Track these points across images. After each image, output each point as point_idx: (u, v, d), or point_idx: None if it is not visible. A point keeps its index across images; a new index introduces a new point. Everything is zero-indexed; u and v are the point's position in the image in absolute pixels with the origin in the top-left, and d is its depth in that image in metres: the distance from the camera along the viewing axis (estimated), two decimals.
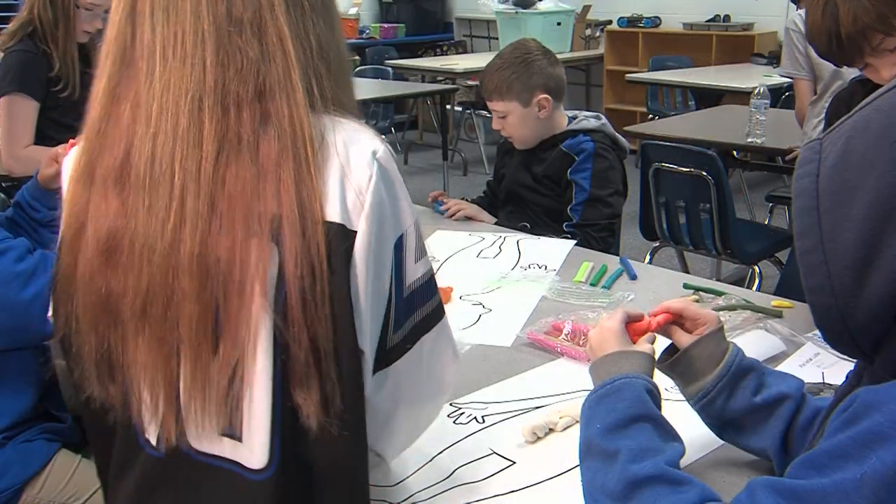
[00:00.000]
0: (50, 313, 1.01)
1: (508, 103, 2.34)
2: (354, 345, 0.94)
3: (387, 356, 0.99)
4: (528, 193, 2.48)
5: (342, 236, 0.91)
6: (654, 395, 1.00)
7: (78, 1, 2.61)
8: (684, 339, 1.12)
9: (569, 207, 2.36)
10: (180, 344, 0.91)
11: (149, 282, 0.90)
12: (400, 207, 0.97)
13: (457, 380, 1.14)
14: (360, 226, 0.92)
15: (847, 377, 0.84)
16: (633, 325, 1.12)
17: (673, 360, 1.12)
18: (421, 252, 1.00)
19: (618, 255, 2.30)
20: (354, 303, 0.93)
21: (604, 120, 2.47)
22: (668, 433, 0.96)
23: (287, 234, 0.88)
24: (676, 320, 1.14)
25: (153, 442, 0.99)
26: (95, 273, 0.93)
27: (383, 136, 0.98)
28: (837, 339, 0.77)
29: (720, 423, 1.11)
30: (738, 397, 1.08)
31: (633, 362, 1.04)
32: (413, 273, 0.99)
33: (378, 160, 0.94)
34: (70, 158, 1.00)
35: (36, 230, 1.82)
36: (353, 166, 0.93)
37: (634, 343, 1.09)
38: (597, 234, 2.32)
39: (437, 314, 1.03)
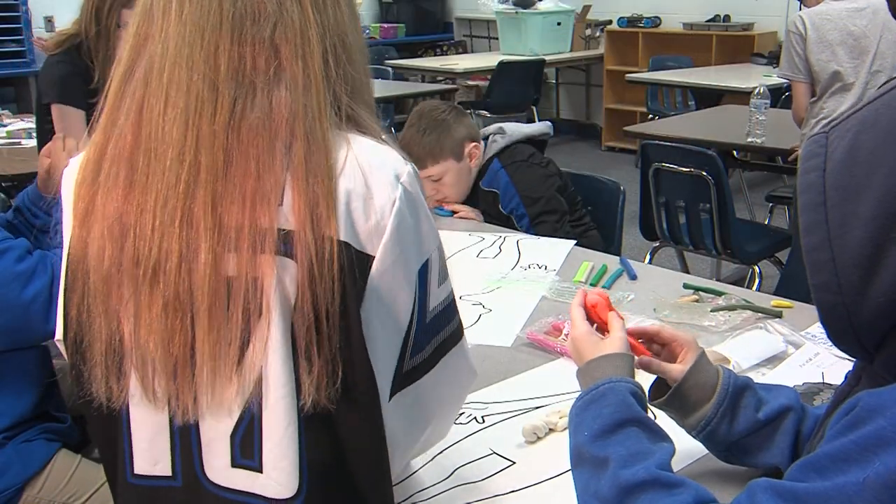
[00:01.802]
0: (60, 313, 0.99)
1: (446, 163, 2.39)
2: (365, 358, 0.92)
3: (405, 378, 0.97)
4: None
5: (356, 260, 0.89)
6: (639, 396, 0.98)
7: (120, 20, 2.67)
8: (673, 371, 1.08)
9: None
10: (194, 304, 0.88)
11: (162, 235, 0.88)
12: (423, 232, 0.94)
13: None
14: (379, 252, 0.90)
15: (846, 378, 0.84)
16: (595, 307, 1.11)
17: (668, 398, 1.09)
18: (444, 275, 0.98)
19: (618, 254, 2.31)
20: (366, 324, 0.91)
21: (506, 131, 2.49)
22: (657, 434, 0.95)
23: (298, 212, 0.87)
24: (651, 344, 1.13)
25: (166, 473, 0.97)
26: (107, 243, 0.91)
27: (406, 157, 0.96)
28: (841, 336, 0.76)
29: (726, 447, 1.09)
30: (740, 419, 1.06)
31: (615, 365, 1.02)
32: (436, 298, 0.97)
33: (402, 184, 0.91)
34: (73, 165, 0.99)
35: (35, 236, 1.82)
36: (377, 189, 0.90)
37: (605, 325, 1.08)
38: (565, 235, 2.33)
39: (457, 335, 1.01)
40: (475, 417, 1.36)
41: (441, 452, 1.26)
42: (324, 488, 0.94)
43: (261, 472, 0.92)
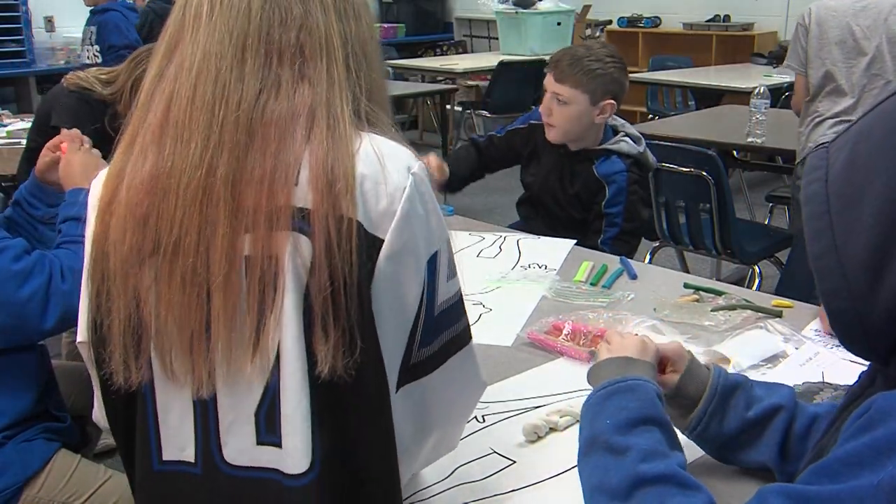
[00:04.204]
0: (83, 316, 1.01)
1: (580, 94, 2.28)
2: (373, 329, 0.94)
3: (412, 371, 0.98)
4: (556, 207, 2.47)
5: (367, 240, 0.91)
6: (663, 402, 1.00)
7: None
8: (666, 382, 1.10)
9: (599, 240, 2.35)
10: (210, 279, 0.91)
11: (183, 211, 0.91)
12: (433, 224, 0.97)
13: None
14: (388, 235, 0.92)
15: (859, 378, 0.84)
16: None
17: (665, 403, 1.09)
18: (452, 272, 1.00)
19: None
20: (375, 307, 0.93)
21: (643, 146, 2.44)
22: (675, 442, 0.96)
23: (315, 188, 0.90)
24: None
25: (191, 459, 0.98)
26: (129, 225, 0.94)
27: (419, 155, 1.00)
28: (853, 341, 0.77)
29: (718, 445, 1.11)
30: (730, 417, 1.09)
31: (643, 369, 1.04)
32: (444, 293, 0.98)
33: (413, 175, 0.95)
34: (102, 174, 1.02)
35: (35, 227, 1.82)
36: (389, 175, 0.93)
37: None
38: (627, 253, 2.30)
39: (465, 337, 1.02)
40: (475, 417, 1.36)
41: None
42: (334, 471, 0.95)
43: (281, 447, 0.94)
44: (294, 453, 0.93)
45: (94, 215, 0.99)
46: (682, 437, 1.10)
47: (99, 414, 1.08)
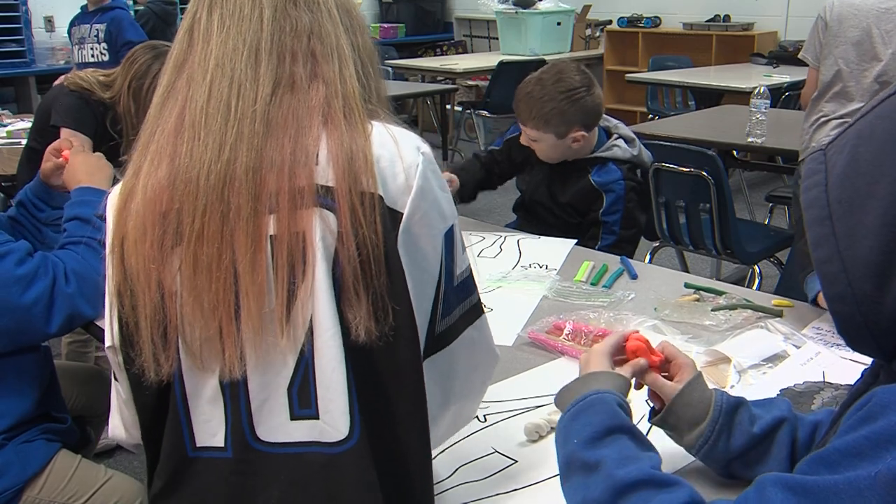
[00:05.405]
0: (109, 322, 1.02)
1: (544, 134, 2.28)
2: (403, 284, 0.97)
3: (437, 341, 1.03)
4: (548, 215, 2.46)
5: (388, 212, 0.96)
6: (626, 409, 1.00)
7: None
8: (667, 388, 1.10)
9: (596, 247, 2.32)
10: (236, 262, 0.93)
11: (206, 200, 0.94)
12: (445, 201, 1.03)
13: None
14: (407, 207, 0.98)
15: (862, 374, 0.84)
16: (633, 348, 1.11)
17: (663, 414, 1.10)
18: (463, 246, 1.06)
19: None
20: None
21: (637, 148, 2.40)
22: (644, 443, 0.96)
23: (336, 165, 0.94)
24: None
25: (220, 444, 0.98)
26: (147, 224, 0.96)
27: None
28: (861, 345, 0.76)
29: (726, 462, 1.10)
30: (737, 434, 1.08)
31: (603, 381, 1.03)
32: (460, 264, 1.05)
33: (423, 154, 1.01)
34: (114, 191, 1.03)
35: (39, 229, 1.83)
36: (403, 154, 0.99)
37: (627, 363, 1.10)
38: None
39: (479, 308, 1.09)
40: (477, 416, 1.36)
41: (443, 451, 1.26)
42: (373, 441, 0.96)
43: (318, 418, 0.95)
44: (332, 421, 0.95)
45: (111, 224, 1.00)
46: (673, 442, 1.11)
47: (118, 425, 1.09)
